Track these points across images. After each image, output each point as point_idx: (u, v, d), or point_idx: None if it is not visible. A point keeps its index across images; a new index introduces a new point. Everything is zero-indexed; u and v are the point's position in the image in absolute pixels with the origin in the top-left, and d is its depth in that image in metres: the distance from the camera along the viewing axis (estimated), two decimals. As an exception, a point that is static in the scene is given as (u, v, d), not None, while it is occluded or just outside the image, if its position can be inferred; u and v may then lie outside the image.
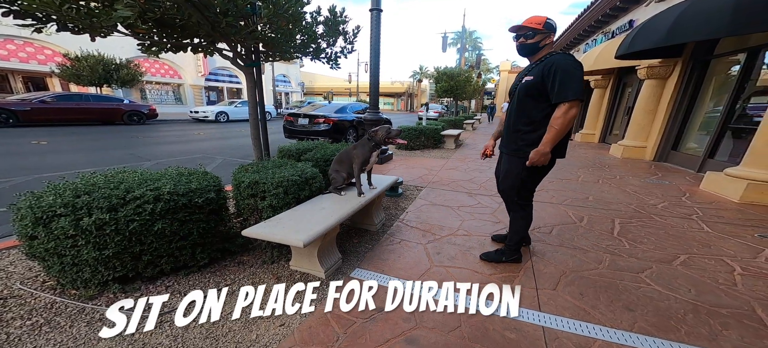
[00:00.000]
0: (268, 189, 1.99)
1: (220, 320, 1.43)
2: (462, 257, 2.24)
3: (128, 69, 14.51)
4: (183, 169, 2.11)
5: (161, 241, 1.70)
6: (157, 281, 1.82)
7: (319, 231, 1.66)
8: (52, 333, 1.41)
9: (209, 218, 1.89)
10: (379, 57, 5.38)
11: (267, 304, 1.59)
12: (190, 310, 1.35)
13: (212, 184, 1.95)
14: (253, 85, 2.51)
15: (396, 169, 5.25)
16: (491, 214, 3.17)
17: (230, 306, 1.57)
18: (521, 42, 1.79)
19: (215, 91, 24.71)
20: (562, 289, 1.86)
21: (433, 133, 7.71)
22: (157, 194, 1.65)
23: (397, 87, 42.25)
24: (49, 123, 10.23)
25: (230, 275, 1.93)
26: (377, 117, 5.63)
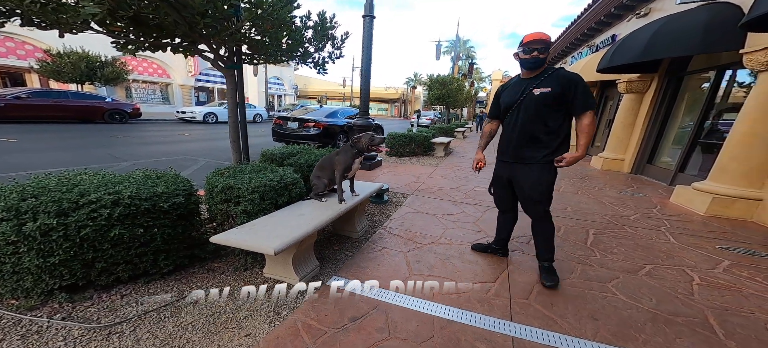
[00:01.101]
0: (243, 194, 1.97)
1: (177, 330, 1.41)
2: (441, 266, 2.28)
3: (113, 67, 14.16)
4: (152, 172, 2.07)
5: (118, 247, 1.63)
6: (112, 290, 1.73)
7: (294, 238, 1.66)
8: None
9: (176, 224, 1.85)
10: (370, 63, 5.45)
11: (235, 313, 1.60)
12: (143, 320, 1.33)
13: (181, 188, 1.91)
14: (234, 87, 2.51)
15: (384, 175, 5.29)
16: (474, 223, 3.24)
17: (192, 315, 1.56)
18: (534, 56, 1.80)
19: (205, 91, 24.36)
20: (534, 298, 1.92)
21: (423, 140, 7.81)
22: (116, 198, 1.59)
23: (391, 93, 42.52)
24: (24, 120, 9.88)
25: (197, 283, 1.88)
26: (367, 123, 5.67)
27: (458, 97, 15.36)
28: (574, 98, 1.79)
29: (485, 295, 1.94)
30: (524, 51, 1.84)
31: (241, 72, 2.55)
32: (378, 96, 43.92)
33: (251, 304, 1.67)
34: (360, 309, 1.71)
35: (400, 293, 1.90)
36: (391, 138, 7.30)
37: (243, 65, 2.71)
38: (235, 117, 2.59)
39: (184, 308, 1.61)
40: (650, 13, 6.42)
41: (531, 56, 1.82)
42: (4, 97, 9.68)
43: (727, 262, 2.45)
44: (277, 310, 1.62)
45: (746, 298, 1.95)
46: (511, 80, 2.10)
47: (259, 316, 1.55)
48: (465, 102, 20.44)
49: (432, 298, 1.88)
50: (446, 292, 1.94)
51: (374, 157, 5.83)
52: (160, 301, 1.64)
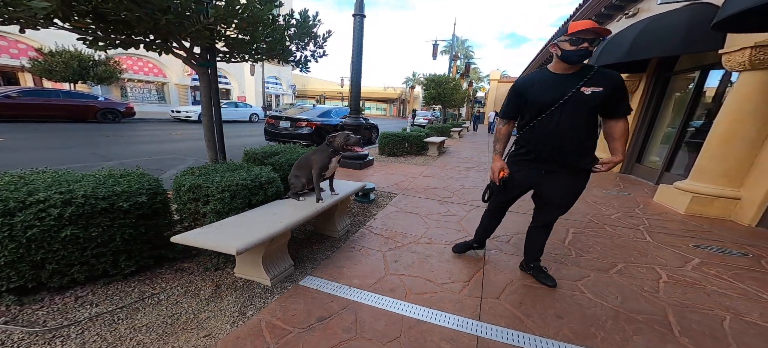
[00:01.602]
0: (212, 193, 1.95)
1: (129, 333, 1.41)
2: (418, 265, 2.31)
3: (106, 66, 14.07)
4: (117, 171, 2.05)
5: (72, 248, 1.60)
6: (67, 291, 1.69)
7: (260, 238, 1.66)
8: None
9: (138, 224, 1.83)
10: (361, 62, 5.45)
11: (196, 314, 1.60)
12: (94, 322, 1.33)
13: (145, 187, 1.89)
14: (208, 84, 2.50)
15: (374, 175, 5.31)
16: (457, 222, 3.27)
17: (149, 316, 1.55)
18: (584, 47, 1.53)
19: None
20: (505, 297, 1.95)
21: (416, 139, 7.84)
22: (68, 198, 1.55)
23: (389, 93, 42.50)
24: (14, 119, 9.80)
25: (161, 284, 1.86)
26: (358, 122, 5.70)
27: (454, 97, 15.40)
28: (621, 100, 1.65)
29: (457, 294, 1.97)
30: (572, 42, 1.55)
31: (214, 70, 2.54)
32: (376, 96, 43.91)
33: (216, 305, 1.67)
34: (329, 309, 1.73)
35: (373, 293, 1.92)
36: (384, 137, 7.33)
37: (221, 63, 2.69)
38: (209, 115, 2.59)
39: (142, 310, 1.60)
40: (638, 13, 6.46)
41: (579, 48, 1.53)
42: None
43: (698, 260, 2.50)
44: (242, 310, 1.64)
45: (708, 296, 1.99)
46: (534, 75, 1.77)
47: (222, 316, 1.56)
48: (462, 101, 20.50)
49: (404, 297, 1.91)
50: (419, 292, 1.97)
51: (365, 157, 5.85)
52: (116, 303, 1.63)
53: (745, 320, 1.80)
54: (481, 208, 3.70)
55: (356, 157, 5.64)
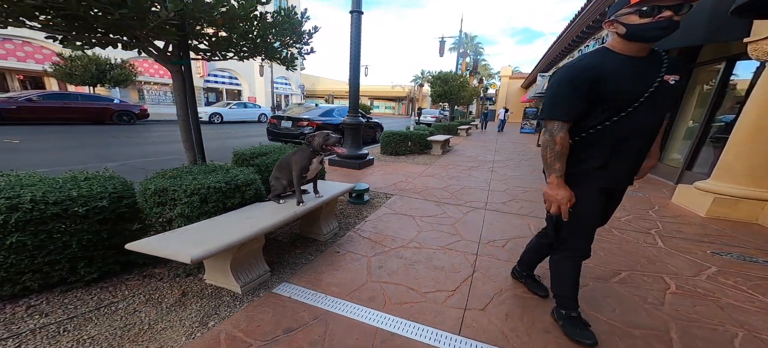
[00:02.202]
0: (179, 197, 1.87)
1: (72, 346, 1.34)
2: (403, 272, 2.18)
3: (122, 69, 14.55)
4: (83, 173, 1.99)
5: (20, 256, 1.53)
6: (21, 300, 1.62)
7: (223, 244, 1.56)
8: None
9: (100, 229, 1.75)
10: (359, 59, 5.36)
11: (153, 324, 1.51)
12: (36, 334, 1.26)
13: (109, 190, 1.83)
14: (181, 83, 2.43)
15: (373, 175, 5.20)
16: (451, 225, 3.11)
17: (100, 327, 1.47)
18: (667, 18, 1.12)
19: (214, 92, 24.80)
20: (491, 309, 1.80)
21: (419, 138, 7.68)
22: (12, 203, 1.49)
23: (398, 91, 42.26)
24: (35, 121, 10.25)
25: (124, 291, 1.78)
26: (357, 121, 5.61)
27: (462, 94, 15.09)
28: None
29: (440, 305, 1.83)
30: (643, 12, 1.14)
31: (189, 68, 2.48)
32: (385, 94, 43.74)
33: (177, 314, 1.59)
34: (299, 319, 1.63)
35: (349, 302, 1.81)
36: (387, 136, 7.20)
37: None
38: (184, 115, 2.53)
39: (95, 320, 1.52)
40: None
41: (657, 19, 1.12)
42: (17, 99, 10.11)
43: (714, 269, 2.25)
44: (204, 320, 1.55)
45: (721, 309, 1.77)
46: (599, 59, 1.28)
47: (180, 327, 1.48)
48: (471, 99, 20.04)
49: (383, 307, 1.79)
50: (400, 301, 1.84)
51: (365, 156, 5.74)
52: (68, 313, 1.56)
53: (760, 337, 1.58)
54: (478, 211, 3.54)
55: (355, 156, 5.55)
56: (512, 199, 4.12)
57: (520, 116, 22.05)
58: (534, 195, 4.32)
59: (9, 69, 15.67)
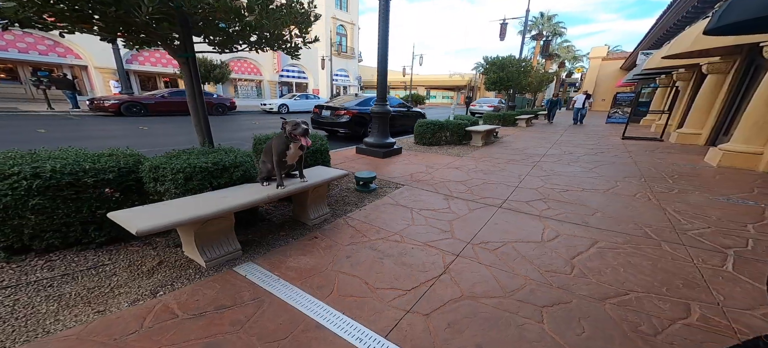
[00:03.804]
0: (166, 175, 2.08)
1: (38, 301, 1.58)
2: (368, 265, 2.07)
3: (221, 69, 17.04)
4: (112, 150, 2.33)
5: (41, 216, 1.82)
6: (51, 254, 1.96)
7: (172, 220, 1.69)
8: None
9: (106, 198, 2.05)
10: (386, 47, 5.25)
11: (114, 288, 1.71)
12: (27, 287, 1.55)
13: (120, 165, 2.12)
14: (189, 74, 2.69)
15: (395, 164, 5.09)
16: (448, 221, 2.85)
17: (70, 287, 1.70)
18: None
19: (287, 86, 27.32)
20: (436, 316, 1.59)
21: (457, 128, 7.21)
22: (36, 172, 1.78)
23: (456, 80, 40.28)
24: (167, 113, 12.86)
25: (119, 255, 2.03)
26: (384, 110, 5.53)
27: (522, 81, 13.37)
28: None
29: (384, 303, 1.70)
30: None
31: (194, 60, 2.72)
32: (441, 84, 42.14)
33: (138, 282, 1.78)
34: (238, 298, 1.69)
35: (298, 288, 1.81)
36: (421, 126, 6.94)
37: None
38: (194, 103, 2.81)
39: (77, 279, 1.77)
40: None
41: None
42: (155, 96, 12.88)
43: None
44: (155, 289, 1.72)
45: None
46: None
47: (130, 294, 1.66)
48: (539, 85, 17.56)
49: (326, 297, 1.74)
50: (346, 294, 1.77)
51: (391, 146, 5.65)
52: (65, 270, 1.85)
53: None
54: (489, 208, 3.15)
55: (380, 145, 5.50)
56: (541, 198, 3.57)
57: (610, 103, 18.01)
58: (573, 196, 3.67)
59: (158, 73, 19.47)
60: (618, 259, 2.18)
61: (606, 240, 2.51)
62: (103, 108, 11.37)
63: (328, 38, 26.35)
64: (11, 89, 14.96)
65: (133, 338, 1.37)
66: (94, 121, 10.01)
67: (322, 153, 3.36)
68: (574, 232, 2.67)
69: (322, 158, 3.37)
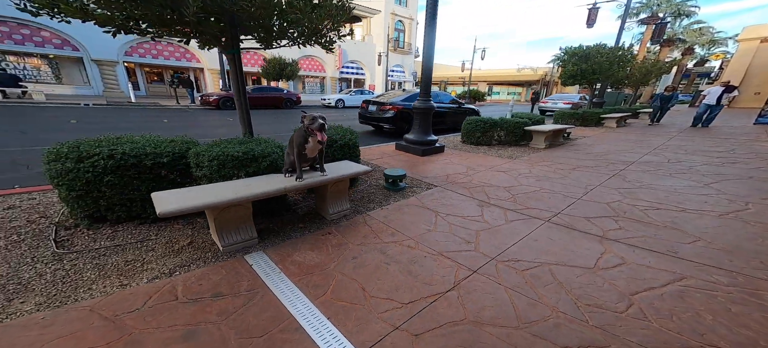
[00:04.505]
0: (203, 161, 2.29)
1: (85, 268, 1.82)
2: (371, 270, 1.94)
3: (291, 67, 18.80)
4: (175, 138, 2.62)
5: (112, 191, 2.17)
6: (119, 224, 2.32)
7: (190, 205, 1.81)
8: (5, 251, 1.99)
9: (161, 178, 2.34)
10: (433, 41, 4.97)
11: (144, 264, 1.92)
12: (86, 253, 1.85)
13: (175, 151, 2.39)
14: (235, 68, 2.88)
15: (433, 163, 4.81)
16: (475, 231, 2.54)
17: (115, 258, 1.94)
18: None
19: (346, 82, 28.63)
20: (428, 338, 1.39)
21: (513, 127, 6.49)
22: (110, 153, 2.12)
23: (526, 74, 36.62)
24: (252, 107, 14.72)
25: (163, 232, 2.29)
26: (426, 106, 5.29)
27: (616, 72, 10.79)
28: None
29: (375, 314, 1.57)
30: None
31: (239, 56, 2.90)
32: (508, 79, 38.78)
33: (167, 259, 1.96)
34: (236, 287, 1.73)
35: (293, 284, 1.78)
36: (469, 124, 6.44)
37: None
38: (238, 96, 3.02)
39: (122, 252, 2.02)
40: None
41: None
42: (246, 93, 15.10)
43: None
44: (174, 268, 1.87)
45: None
46: None
47: (154, 270, 1.83)
48: (645, 78, 14.19)
49: (317, 299, 1.68)
50: (339, 298, 1.69)
51: (432, 143, 5.36)
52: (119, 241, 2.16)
53: None
54: (530, 221, 2.72)
55: (419, 142, 5.27)
56: (611, 215, 2.93)
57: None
58: (664, 216, 2.92)
59: (248, 73, 21.89)
60: (709, 303, 1.64)
61: (699, 277, 1.92)
62: (208, 102, 13.80)
63: (386, 34, 26.56)
64: (158, 88, 19.46)
65: (129, 317, 1.47)
66: (201, 113, 12.05)
67: (350, 147, 3.33)
68: (650, 261, 2.11)
69: (351, 153, 3.34)
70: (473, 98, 28.58)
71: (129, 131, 7.11)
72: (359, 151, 3.52)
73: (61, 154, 2.16)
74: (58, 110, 10.20)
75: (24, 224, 2.37)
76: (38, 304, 1.53)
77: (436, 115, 7.86)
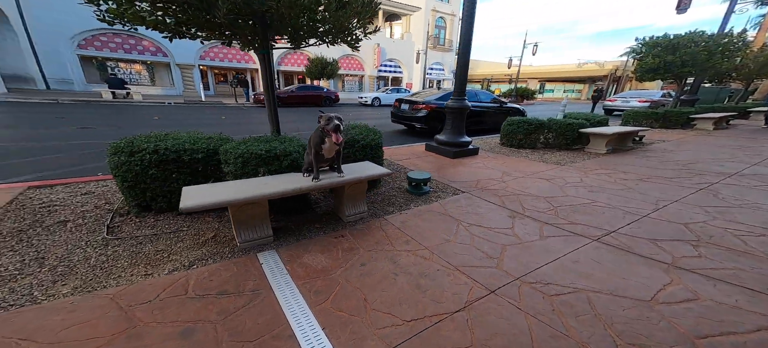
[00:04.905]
0: (229, 159, 2.41)
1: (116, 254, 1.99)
2: (377, 281, 1.82)
3: (332, 66, 19.58)
4: (212, 135, 2.81)
5: (155, 183, 2.40)
6: (160, 214, 2.54)
7: (208, 202, 1.88)
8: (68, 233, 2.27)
9: (197, 173, 2.52)
10: (471, 34, 4.69)
11: (169, 255, 2.05)
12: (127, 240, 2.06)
13: (210, 147, 2.55)
14: (265, 68, 2.99)
15: (464, 166, 4.52)
16: (500, 246, 2.27)
17: (148, 247, 2.10)
18: None
19: (383, 80, 28.80)
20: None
21: (565, 129, 5.82)
22: (156, 148, 2.35)
23: (588, 70, 32.92)
24: (295, 104, 16.08)
25: (194, 224, 2.45)
26: (460, 105, 4.99)
27: (718, 64, 8.78)
28: None
29: (373, 329, 1.46)
30: None
31: (269, 56, 2.98)
32: (565, 75, 35.23)
33: (189, 252, 2.08)
34: (242, 286, 1.74)
35: (296, 288, 1.74)
36: (510, 125, 5.93)
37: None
38: (267, 96, 3.12)
39: (156, 241, 2.20)
40: None
41: None
42: (288, 91, 16.25)
43: None
44: (193, 261, 1.96)
45: None
46: None
47: (176, 261, 1.94)
48: (763, 69, 11.60)
49: (317, 305, 1.62)
50: (339, 308, 1.61)
51: (464, 145, 5.04)
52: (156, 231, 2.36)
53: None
54: (572, 238, 2.35)
55: (451, 143, 4.98)
56: (690, 239, 2.40)
57: None
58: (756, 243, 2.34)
59: (294, 72, 23.64)
60: None
61: None
62: (260, 101, 15.21)
63: (426, 31, 26.00)
64: (223, 89, 22.07)
65: (140, 308, 1.54)
66: (254, 110, 13.20)
67: (372, 148, 3.24)
68: (737, 300, 1.68)
69: (373, 154, 3.25)
70: (520, 96, 26.58)
71: (195, 127, 8.02)
72: (383, 152, 3.43)
73: (119, 148, 2.42)
74: (149, 108, 11.90)
75: (91, 209, 2.71)
76: (74, 288, 1.71)
77: (474, 114, 7.44)
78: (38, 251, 2.05)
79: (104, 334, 1.38)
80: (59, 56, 15.68)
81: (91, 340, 1.35)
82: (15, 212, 2.58)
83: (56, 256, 2.02)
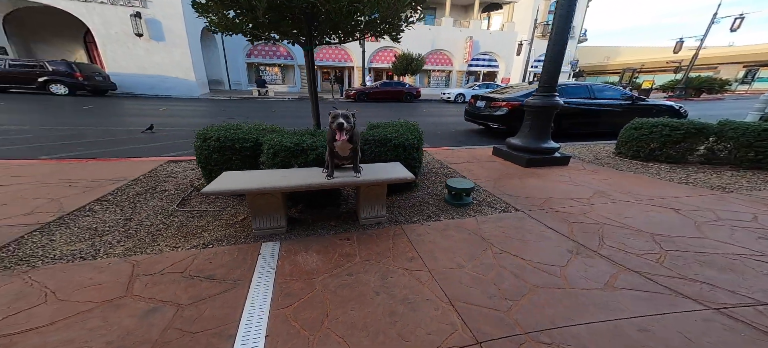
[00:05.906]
0: (264, 149, 2.59)
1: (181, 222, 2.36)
2: (354, 296, 1.60)
3: (417, 61, 19.61)
4: (272, 126, 3.09)
5: (219, 165, 2.73)
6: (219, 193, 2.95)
7: (225, 188, 2.03)
8: (159, 200, 2.76)
9: (246, 158, 2.76)
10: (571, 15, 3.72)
11: (200, 231, 2.28)
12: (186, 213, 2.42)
13: (254, 137, 2.80)
14: (308, 64, 3.08)
15: (540, 177, 3.63)
16: (528, 286, 1.68)
17: (194, 223, 2.39)
18: None
19: (474, 75, 26.69)
20: None
21: (754, 136, 3.80)
22: (218, 136, 2.70)
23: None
24: (380, 100, 17.03)
25: (239, 205, 2.69)
26: (546, 103, 4.07)
27: None
28: None
29: (308, 354, 1.27)
30: None
31: (312, 53, 3.05)
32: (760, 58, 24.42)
33: (215, 231, 2.27)
34: (230, 274, 1.77)
35: (270, 287, 1.66)
36: (635, 129, 4.40)
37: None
38: (310, 90, 3.22)
39: (201, 217, 2.48)
40: None
41: None
42: (372, 87, 17.34)
43: None
44: (210, 241, 2.13)
45: None
46: None
47: (200, 239, 2.14)
48: None
49: (278, 310, 1.52)
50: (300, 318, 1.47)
51: (547, 152, 4.06)
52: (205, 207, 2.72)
53: None
54: (652, 297, 1.65)
55: (526, 149, 4.09)
56: None
57: None
58: None
59: (382, 69, 25.09)
60: None
61: None
62: (350, 96, 16.65)
63: (534, 19, 22.44)
64: (325, 85, 25.09)
65: (141, 280, 1.68)
66: (344, 105, 14.55)
67: (406, 148, 2.92)
68: None
69: (406, 155, 2.94)
70: (694, 90, 20.08)
71: (296, 119, 9.33)
72: (421, 154, 3.07)
73: (200, 135, 2.90)
74: (275, 103, 14.55)
75: (187, 183, 3.25)
76: (126, 250, 2.03)
77: (584, 114, 6.05)
78: (133, 213, 2.60)
79: (97, 300, 1.54)
80: (236, 63, 21.83)
81: (88, 303, 1.51)
82: (147, 179, 3.33)
83: (138, 219, 2.50)
